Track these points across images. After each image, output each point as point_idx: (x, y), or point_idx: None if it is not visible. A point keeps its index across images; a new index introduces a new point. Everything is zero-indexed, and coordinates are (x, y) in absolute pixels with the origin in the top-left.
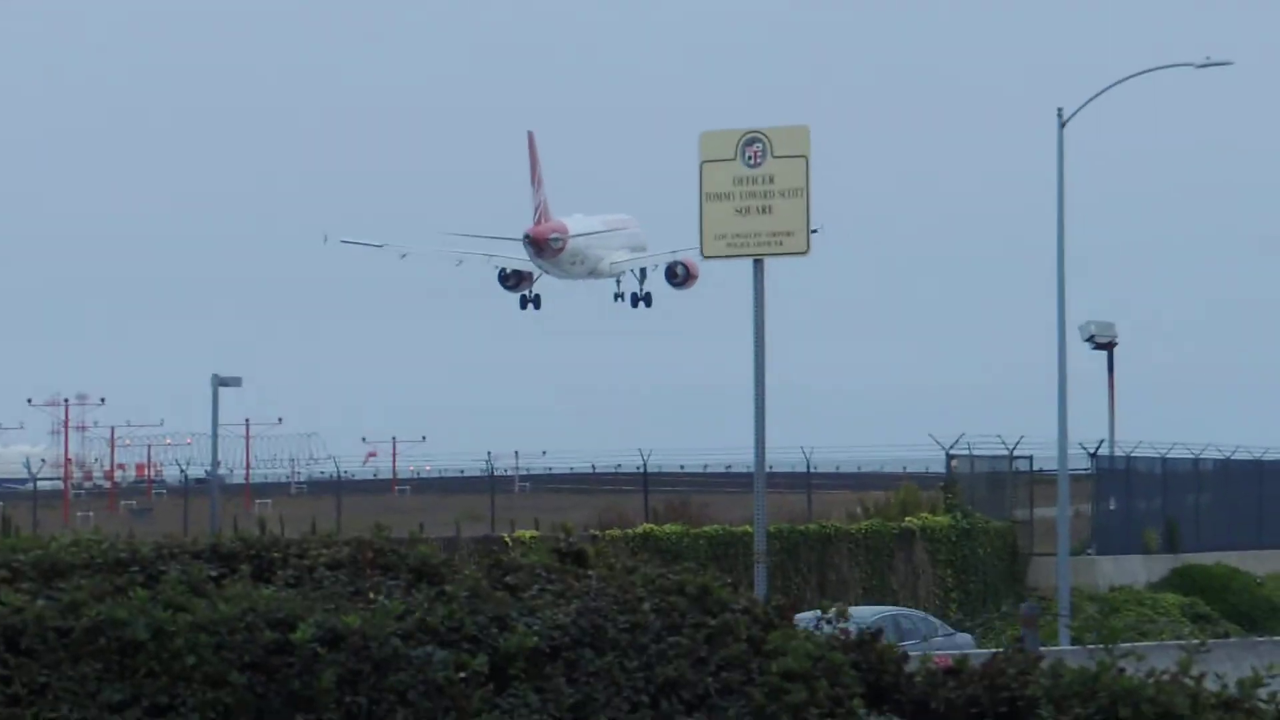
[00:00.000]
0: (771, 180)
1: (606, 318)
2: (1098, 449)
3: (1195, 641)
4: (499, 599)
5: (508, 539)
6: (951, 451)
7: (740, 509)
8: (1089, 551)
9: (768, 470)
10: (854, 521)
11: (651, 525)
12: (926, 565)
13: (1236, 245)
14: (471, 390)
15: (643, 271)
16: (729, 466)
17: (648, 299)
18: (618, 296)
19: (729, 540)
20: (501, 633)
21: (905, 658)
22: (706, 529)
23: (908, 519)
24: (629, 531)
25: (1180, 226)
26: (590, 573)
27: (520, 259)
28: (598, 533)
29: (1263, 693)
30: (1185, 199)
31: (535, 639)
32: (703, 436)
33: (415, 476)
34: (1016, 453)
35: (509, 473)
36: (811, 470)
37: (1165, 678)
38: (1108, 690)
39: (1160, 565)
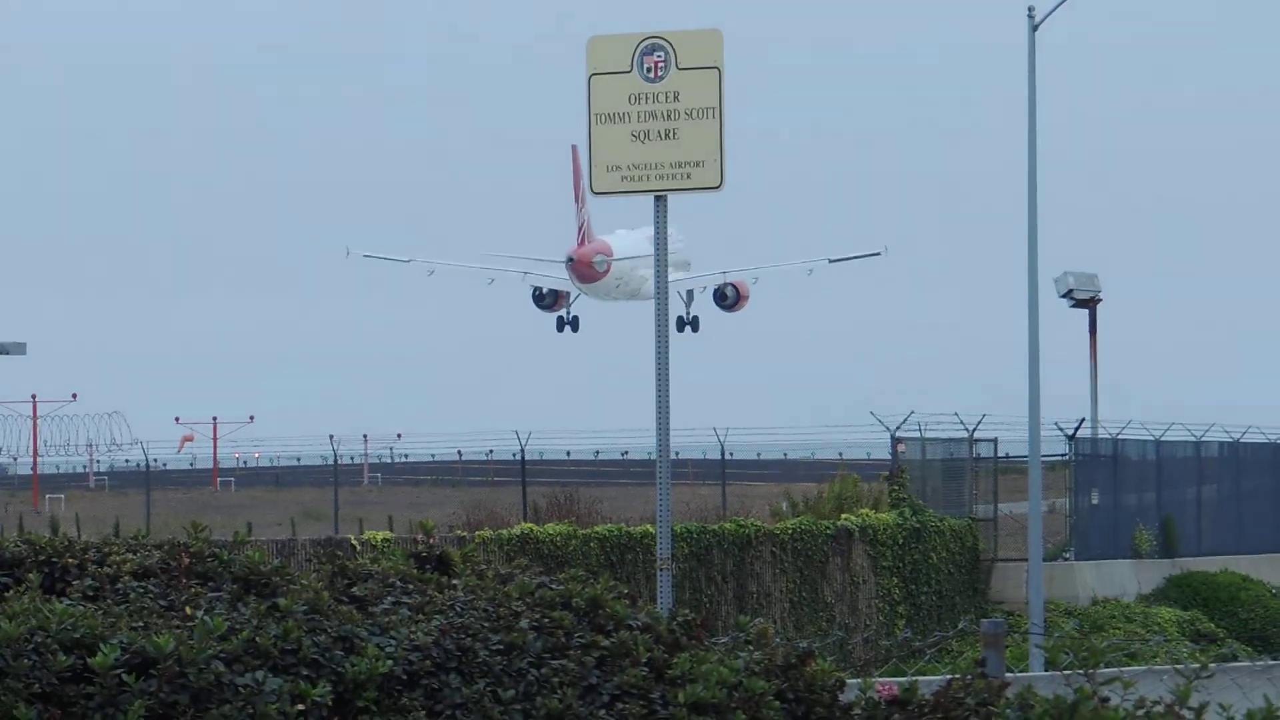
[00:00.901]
0: (676, 98)
1: (646, 340)
2: (1077, 430)
3: (1195, 665)
4: (344, 615)
5: (355, 541)
6: (898, 434)
7: (639, 505)
8: (1066, 556)
9: (674, 458)
10: (779, 520)
11: (531, 524)
12: (868, 573)
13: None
14: (310, 363)
15: (689, 294)
16: (625, 453)
17: (694, 323)
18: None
19: (626, 543)
20: (347, 656)
21: (840, 685)
22: (598, 529)
23: (845, 516)
24: (503, 532)
25: (1170, 178)
26: (456, 582)
27: (557, 277)
28: (465, 534)
29: None
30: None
31: (389, 663)
32: (593, 416)
33: (242, 466)
34: (978, 435)
35: (357, 461)
36: (727, 457)
37: (1158, 709)
38: None
39: (1154, 572)
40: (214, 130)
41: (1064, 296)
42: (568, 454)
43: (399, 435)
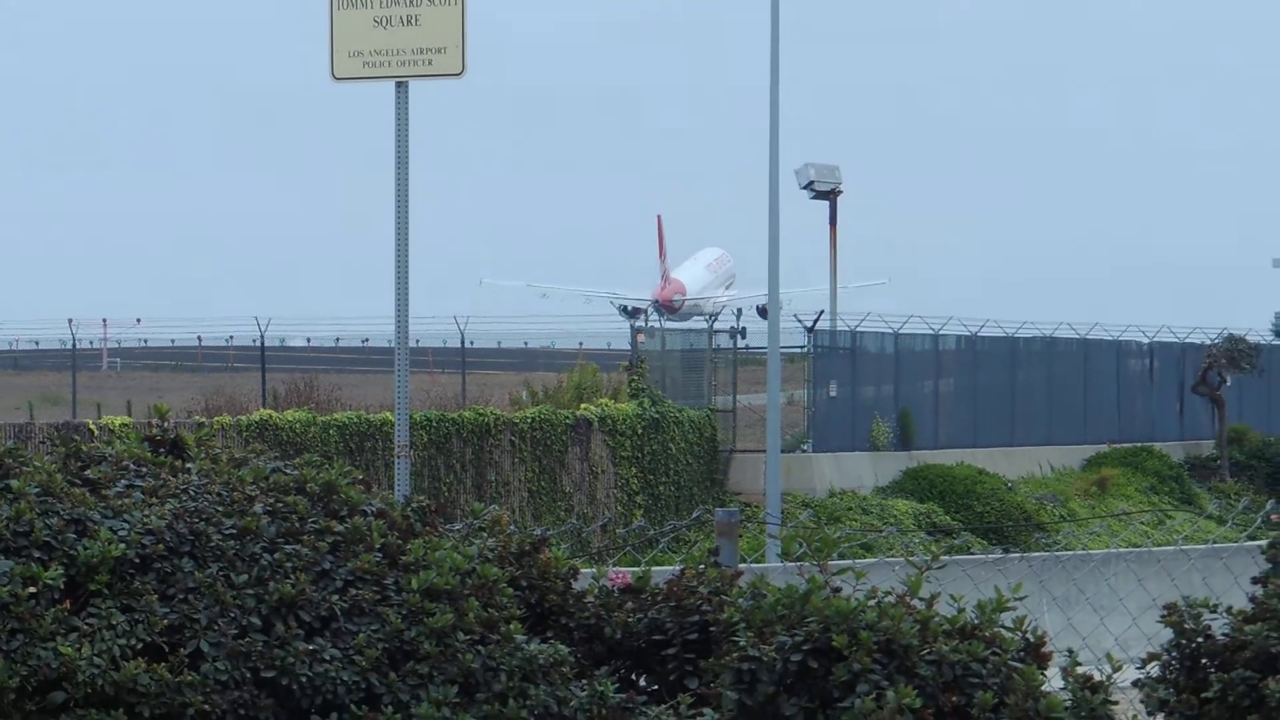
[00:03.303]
0: None
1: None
2: (816, 322)
3: (926, 557)
4: (77, 497)
5: (93, 426)
6: (638, 324)
7: (379, 392)
8: (804, 448)
9: (413, 345)
10: (518, 409)
11: (270, 411)
12: (606, 463)
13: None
14: (47, 246)
15: (739, 311)
16: (365, 340)
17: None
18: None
19: (365, 430)
20: (80, 539)
21: (574, 573)
22: (338, 416)
23: (584, 406)
24: (243, 419)
25: (906, 62)
26: (190, 467)
27: (638, 298)
28: (204, 420)
29: (1007, 618)
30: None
31: (122, 547)
32: (333, 303)
33: None
34: (717, 326)
35: (95, 345)
36: (467, 345)
37: (890, 600)
38: (819, 614)
39: (891, 465)
40: None
41: (805, 188)
42: (308, 341)
43: (138, 320)
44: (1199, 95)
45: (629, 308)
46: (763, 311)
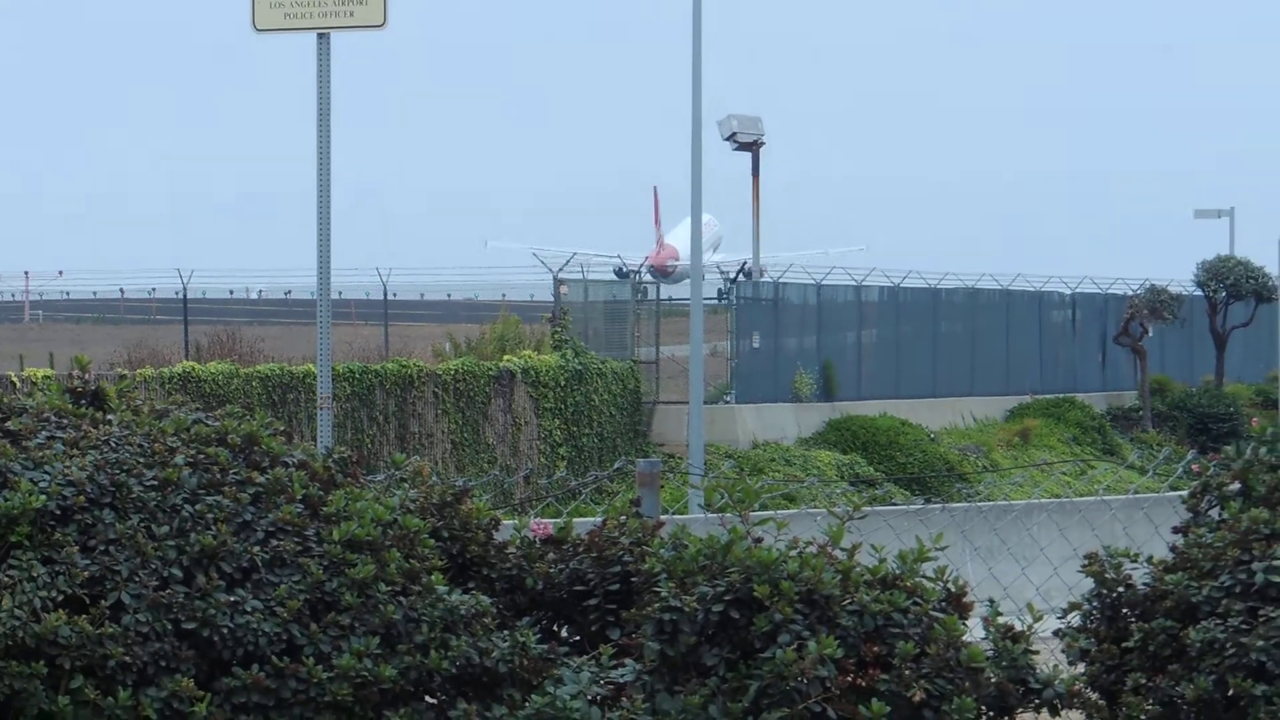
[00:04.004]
0: None
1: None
2: (739, 273)
3: (848, 508)
4: None
5: (15, 378)
6: (561, 275)
7: (302, 344)
8: (727, 399)
9: (335, 297)
10: (441, 361)
11: (193, 363)
12: (530, 414)
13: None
14: None
15: (722, 272)
16: (288, 292)
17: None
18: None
19: (288, 382)
20: (0, 491)
21: (496, 524)
22: (260, 368)
23: (507, 358)
24: (165, 371)
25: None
26: (111, 418)
27: (631, 261)
28: (126, 372)
29: (929, 568)
30: None
31: (42, 498)
32: (256, 254)
33: None
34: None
35: (17, 298)
36: (390, 298)
37: (811, 550)
38: (740, 564)
39: (814, 416)
40: None
41: (727, 139)
42: (230, 293)
43: (60, 272)
44: (1122, 48)
45: (624, 271)
46: (748, 272)
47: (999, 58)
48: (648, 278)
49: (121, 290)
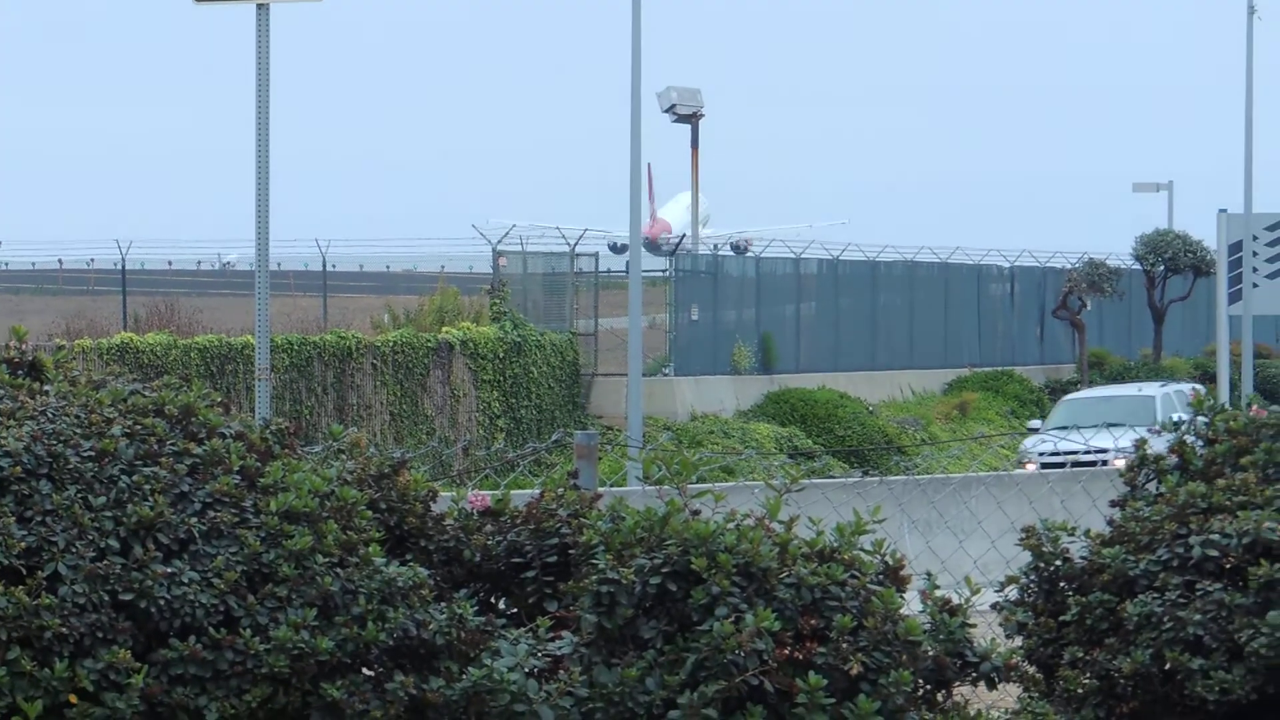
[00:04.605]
0: None
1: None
2: (678, 245)
3: (786, 480)
4: None
5: None
6: (500, 247)
7: (241, 315)
8: (666, 372)
9: (274, 269)
10: (380, 332)
11: (131, 334)
12: (468, 386)
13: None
14: None
15: (715, 246)
16: (227, 263)
17: (617, 248)
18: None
19: (226, 353)
20: None
21: (434, 496)
22: (199, 339)
23: (446, 329)
24: (103, 342)
25: None
26: (48, 389)
27: (623, 236)
28: (64, 343)
29: (866, 541)
30: None
31: None
32: (194, 224)
33: None
34: (579, 249)
35: None
36: (329, 269)
37: (749, 523)
38: (677, 537)
39: (753, 389)
40: None
41: (667, 111)
42: (169, 263)
43: None
44: (1066, 26)
45: (619, 246)
46: (736, 247)
47: (947, 34)
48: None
49: (60, 261)
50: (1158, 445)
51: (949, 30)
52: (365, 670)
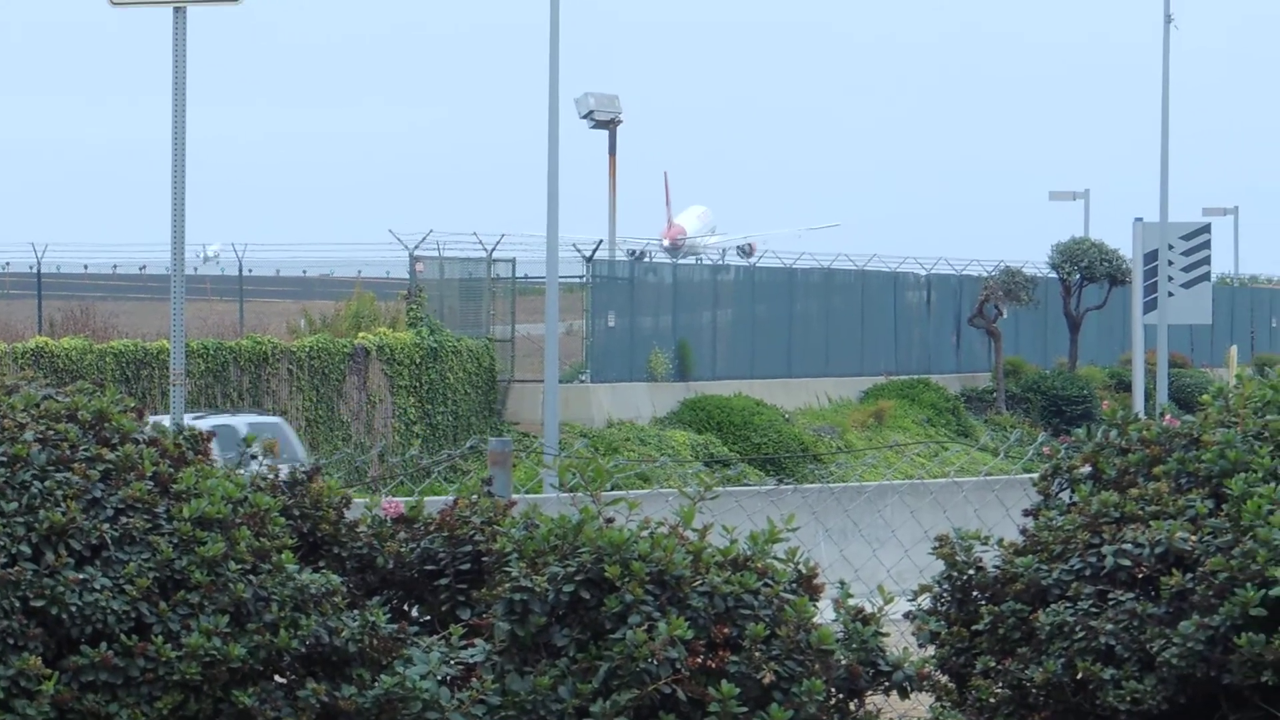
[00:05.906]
0: None
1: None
2: (595, 251)
3: (700, 488)
4: None
5: None
6: (417, 252)
7: (157, 320)
8: (583, 378)
9: (190, 273)
10: (296, 337)
11: (46, 338)
12: (384, 392)
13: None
14: None
15: (723, 250)
16: (143, 268)
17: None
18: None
19: (142, 358)
20: None
21: (347, 502)
22: (114, 344)
23: (362, 335)
24: (18, 346)
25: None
26: None
27: (640, 242)
28: None
29: (780, 549)
30: None
31: None
32: (112, 229)
33: None
34: (496, 255)
35: None
36: (245, 274)
37: (663, 530)
38: (591, 544)
39: (669, 396)
40: None
41: (585, 118)
42: (85, 267)
43: None
44: (977, 36)
45: (638, 254)
46: (742, 251)
47: (856, 46)
48: (661, 255)
49: None
50: None
51: (854, 40)
52: (277, 678)
